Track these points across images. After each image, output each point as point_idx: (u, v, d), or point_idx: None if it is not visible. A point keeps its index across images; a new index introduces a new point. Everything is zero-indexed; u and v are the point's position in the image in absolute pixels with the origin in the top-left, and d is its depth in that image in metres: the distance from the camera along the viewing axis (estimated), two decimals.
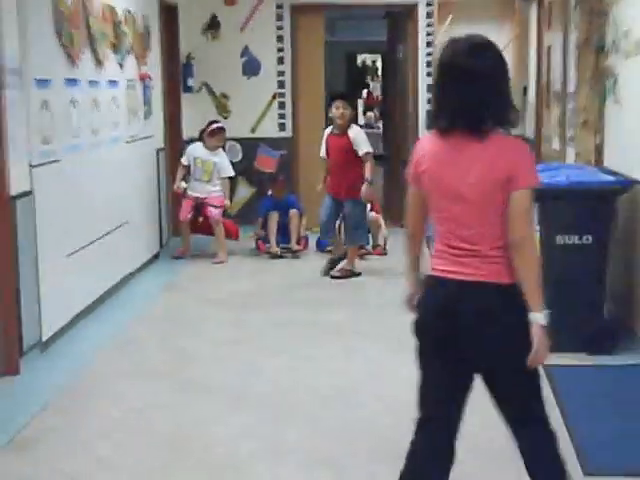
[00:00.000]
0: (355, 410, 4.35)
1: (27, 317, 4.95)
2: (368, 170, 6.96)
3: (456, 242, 2.68)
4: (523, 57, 9.00)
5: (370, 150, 7.05)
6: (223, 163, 8.08)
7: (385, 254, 8.07)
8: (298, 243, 8.12)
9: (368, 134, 17.06)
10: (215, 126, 8.11)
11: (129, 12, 7.12)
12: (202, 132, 8.16)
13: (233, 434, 4.06)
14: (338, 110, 7.06)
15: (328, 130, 7.30)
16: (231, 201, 8.94)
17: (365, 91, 20.52)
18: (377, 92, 19.40)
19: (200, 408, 4.39)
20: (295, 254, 8.01)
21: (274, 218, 8.05)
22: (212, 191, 7.96)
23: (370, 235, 7.94)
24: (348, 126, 7.08)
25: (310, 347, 5.38)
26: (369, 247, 8.03)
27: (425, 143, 2.79)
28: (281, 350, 5.33)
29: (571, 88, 7.05)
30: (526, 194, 2.61)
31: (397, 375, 4.76)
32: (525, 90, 9.06)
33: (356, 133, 7.08)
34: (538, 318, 2.61)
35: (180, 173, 8.01)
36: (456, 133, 2.64)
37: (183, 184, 7.95)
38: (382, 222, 8.25)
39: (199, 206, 7.96)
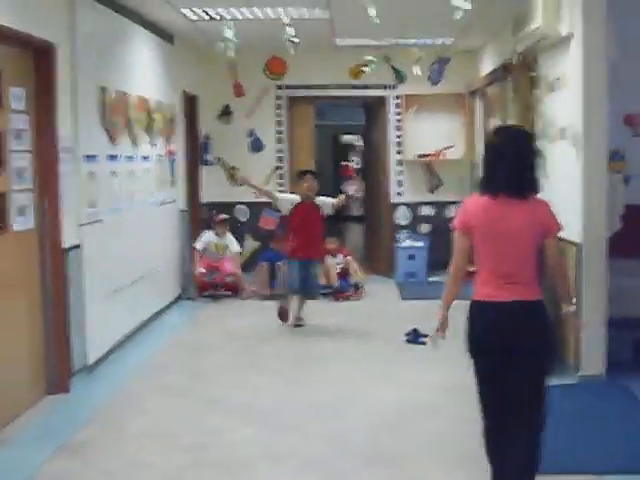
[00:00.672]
0: (340, 421, 4.35)
1: (75, 345, 4.99)
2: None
3: (501, 274, 3.05)
4: (472, 139, 9.16)
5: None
6: (232, 242, 8.27)
7: (361, 296, 8.00)
8: None
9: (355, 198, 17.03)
10: (223, 217, 8.33)
11: (159, 102, 7.26)
12: (209, 221, 8.37)
13: (240, 441, 4.07)
14: (309, 184, 6.73)
15: (296, 199, 6.75)
16: (240, 253, 9.04)
17: (344, 164, 20.69)
18: (357, 165, 19.60)
19: (214, 420, 4.40)
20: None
21: (265, 267, 8.11)
22: (225, 258, 8.12)
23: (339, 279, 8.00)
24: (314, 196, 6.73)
25: (309, 371, 5.38)
26: (351, 290, 8.03)
27: (475, 203, 3.12)
28: (281, 372, 5.33)
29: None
30: (557, 237, 3.13)
31: (378, 395, 4.82)
32: (472, 165, 9.20)
33: (322, 200, 6.79)
34: (571, 309, 3.21)
35: (197, 258, 8.05)
36: (503, 195, 3.03)
37: (202, 269, 7.96)
38: (356, 266, 8.24)
39: (213, 268, 8.01)
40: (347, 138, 18.33)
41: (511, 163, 3.03)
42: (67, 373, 4.86)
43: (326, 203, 6.76)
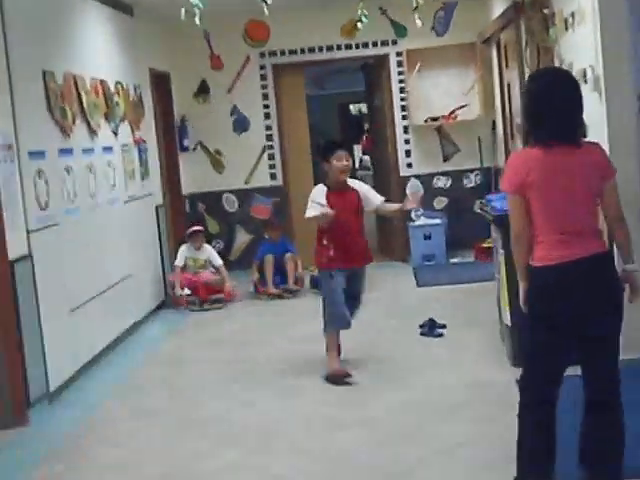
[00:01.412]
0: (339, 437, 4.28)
1: (33, 370, 4.91)
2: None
3: (569, 230, 3.10)
4: (489, 94, 8.99)
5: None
6: (211, 256, 8.09)
7: None
8: (296, 283, 8.00)
9: (365, 175, 17.11)
10: (192, 230, 8.12)
11: (120, 84, 7.16)
12: (184, 236, 8.18)
13: (222, 467, 3.99)
14: (343, 162, 5.19)
15: (322, 188, 5.26)
16: (231, 248, 8.97)
17: (364, 136, 20.53)
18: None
19: (194, 444, 4.32)
20: (294, 293, 7.89)
21: (270, 261, 7.97)
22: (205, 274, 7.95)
23: None
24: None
25: (299, 379, 5.30)
26: None
27: (528, 157, 3.15)
28: (272, 382, 5.27)
29: None
30: (615, 180, 3.18)
31: (381, 397, 4.74)
32: (494, 124, 9.03)
33: (359, 184, 5.49)
34: (635, 267, 3.21)
35: (178, 276, 7.83)
36: (557, 144, 3.09)
37: (186, 291, 7.77)
38: None
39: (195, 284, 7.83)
40: (357, 107, 18.22)
41: (561, 108, 3.11)
42: (24, 403, 4.80)
43: (370, 195, 5.40)
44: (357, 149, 17.90)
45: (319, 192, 5.22)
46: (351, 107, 18.73)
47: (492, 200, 5.37)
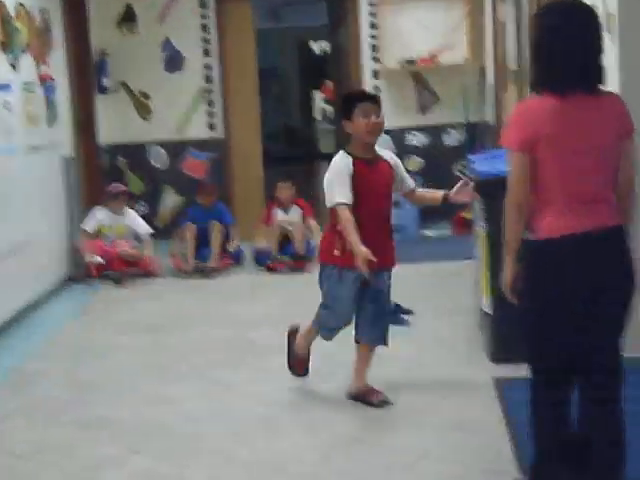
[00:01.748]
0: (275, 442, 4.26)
1: None
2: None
3: (583, 197, 3.13)
4: (478, 34, 8.97)
5: None
6: (135, 222, 8.05)
7: (305, 266, 7.79)
8: (224, 260, 7.93)
9: (326, 131, 17.05)
10: (118, 188, 8.08)
11: (22, 6, 7.01)
12: (104, 197, 8.13)
13: (128, 477, 3.96)
14: (372, 119, 4.45)
15: (346, 158, 4.48)
16: (157, 213, 8.89)
17: (328, 83, 20.30)
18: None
19: (97, 449, 4.28)
20: (210, 273, 7.77)
21: (191, 230, 7.94)
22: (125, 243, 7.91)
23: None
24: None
25: (229, 371, 5.31)
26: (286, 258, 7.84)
27: (539, 107, 3.15)
28: (197, 375, 5.25)
29: (527, 66, 7.02)
30: (633, 138, 3.22)
31: (325, 399, 4.74)
32: (482, 71, 9.02)
33: (390, 155, 4.76)
34: None
35: (85, 243, 7.78)
36: (573, 92, 3.10)
37: (97, 258, 7.71)
38: (314, 229, 8.02)
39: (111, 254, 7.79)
40: (320, 45, 18.08)
41: (580, 48, 3.12)
42: None
43: (404, 173, 4.85)
44: (318, 97, 17.84)
45: (343, 166, 4.43)
46: (313, 45, 18.59)
47: (474, 161, 5.36)
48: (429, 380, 4.95)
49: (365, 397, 4.62)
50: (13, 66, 6.78)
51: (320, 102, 17.44)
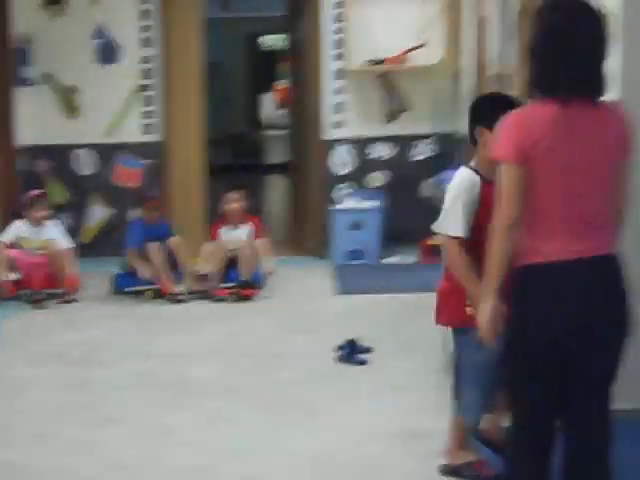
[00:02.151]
0: None
1: None
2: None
3: (581, 218, 3.20)
4: (455, 32, 9.05)
5: None
6: (56, 235, 8.06)
7: (253, 295, 7.88)
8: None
9: (276, 137, 17.05)
10: (34, 193, 8.08)
11: None
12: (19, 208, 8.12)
13: None
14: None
15: (469, 174, 4.14)
16: (82, 226, 8.89)
17: (280, 84, 20.25)
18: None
19: None
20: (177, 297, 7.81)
21: (155, 249, 7.85)
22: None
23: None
24: None
25: (164, 413, 5.32)
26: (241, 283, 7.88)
27: (537, 115, 3.20)
28: (126, 418, 5.25)
29: (510, 70, 7.10)
30: (629, 162, 3.30)
31: (275, 447, 4.77)
32: (456, 75, 9.12)
33: None
34: None
35: (2, 257, 7.79)
36: (577, 100, 3.17)
37: (12, 275, 7.76)
38: (265, 249, 8.12)
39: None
40: (271, 40, 18.13)
41: (586, 50, 3.19)
42: None
43: None
44: (267, 101, 17.85)
45: (469, 185, 4.08)
46: (262, 40, 18.63)
47: (447, 180, 5.42)
48: (388, 429, 4.98)
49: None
50: None
51: (269, 105, 17.45)
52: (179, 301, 7.74)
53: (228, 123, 16.33)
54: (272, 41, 17.87)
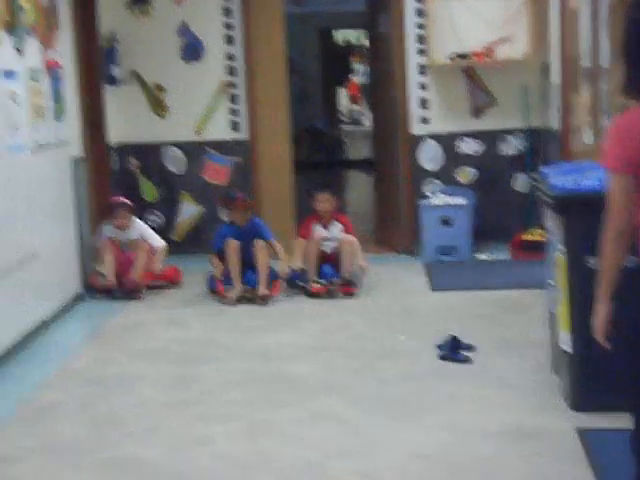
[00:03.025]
0: None
1: None
2: None
3: None
4: (542, 25, 9.03)
5: None
6: (145, 236, 8.22)
7: (354, 292, 7.91)
8: (274, 286, 7.88)
9: (354, 132, 17.03)
10: (118, 200, 8.26)
11: None
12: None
13: None
14: None
15: None
16: (173, 224, 8.99)
17: (352, 79, 20.39)
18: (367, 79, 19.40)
19: None
20: (263, 300, 7.74)
21: (233, 247, 7.87)
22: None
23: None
24: None
25: (271, 410, 5.37)
26: (336, 280, 7.90)
27: (635, 120, 3.14)
28: (232, 415, 5.30)
29: (605, 63, 7.07)
30: None
31: (385, 445, 4.77)
32: (545, 68, 9.08)
33: None
34: None
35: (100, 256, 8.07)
36: None
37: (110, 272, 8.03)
38: (358, 247, 8.11)
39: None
40: (345, 35, 18.21)
41: None
42: None
43: None
44: (342, 95, 17.93)
45: None
46: (335, 35, 18.69)
47: (550, 175, 5.41)
48: (499, 428, 4.95)
49: None
50: (18, 50, 6.84)
51: (346, 101, 17.52)
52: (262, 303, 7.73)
53: (305, 119, 16.40)
54: (346, 36, 17.93)
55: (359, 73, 21.51)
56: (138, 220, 8.34)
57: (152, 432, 5.09)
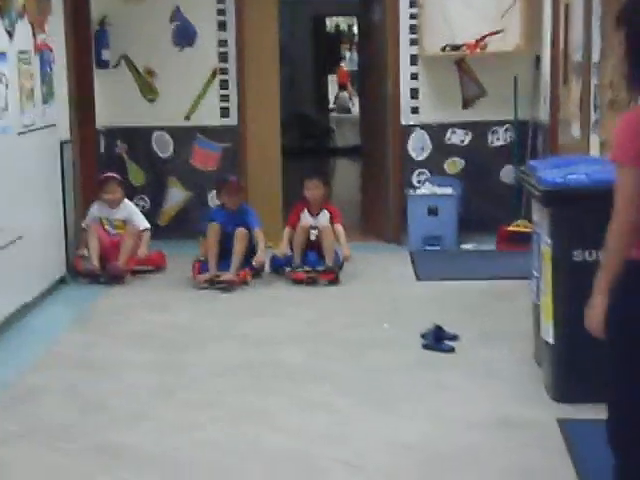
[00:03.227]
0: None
1: None
2: None
3: None
4: (534, 18, 9.03)
5: None
6: (132, 216, 8.21)
7: (335, 280, 7.91)
8: (248, 273, 7.88)
9: (342, 119, 17.00)
10: (104, 176, 8.25)
11: None
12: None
13: None
14: None
15: None
16: (160, 209, 8.99)
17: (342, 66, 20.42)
18: (354, 66, 19.41)
19: None
20: (228, 285, 7.70)
21: (214, 230, 7.89)
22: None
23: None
24: None
25: (256, 397, 5.38)
26: (319, 268, 7.92)
27: None
28: (219, 401, 5.32)
29: (596, 58, 7.08)
30: None
31: (371, 433, 4.79)
32: (537, 61, 9.09)
33: None
34: None
35: (84, 238, 8.07)
36: None
37: (85, 251, 8.01)
38: (342, 236, 8.11)
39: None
40: (336, 22, 18.20)
41: None
42: None
43: None
44: (331, 82, 17.92)
45: None
46: (327, 22, 18.69)
47: (538, 168, 5.44)
48: (482, 418, 4.98)
49: None
50: (9, 33, 6.82)
51: (334, 88, 17.51)
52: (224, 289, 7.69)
53: (294, 105, 16.38)
54: (336, 23, 17.93)
55: (348, 60, 21.51)
56: (127, 200, 8.32)
57: (138, 418, 5.09)
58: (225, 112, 9.39)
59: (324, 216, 8.13)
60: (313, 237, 8.04)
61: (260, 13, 9.39)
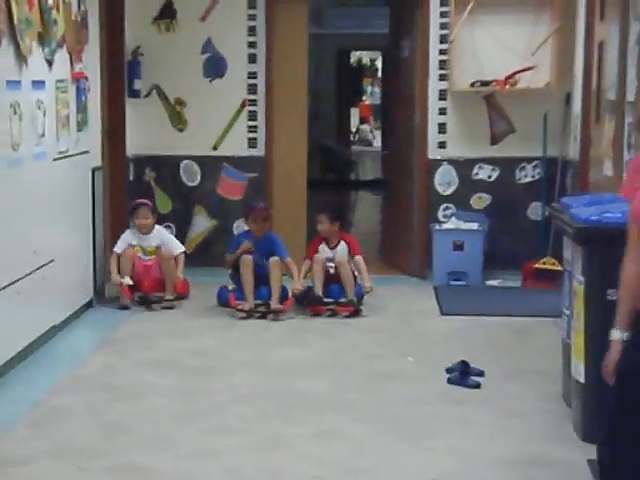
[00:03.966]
0: None
1: None
2: None
3: None
4: (567, 56, 9.03)
5: None
6: (167, 241, 8.28)
7: (355, 312, 7.88)
8: (281, 301, 7.88)
9: (363, 152, 17.04)
10: (135, 203, 8.33)
11: None
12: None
13: None
14: None
15: None
16: (186, 236, 9.03)
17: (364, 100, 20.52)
18: (375, 99, 19.50)
19: None
20: (276, 315, 7.77)
21: (247, 263, 7.88)
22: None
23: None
24: None
25: (280, 426, 5.37)
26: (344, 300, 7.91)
27: None
28: (244, 428, 5.32)
29: (630, 96, 7.08)
30: None
31: (393, 466, 4.79)
32: (568, 98, 9.09)
33: None
34: None
35: (114, 264, 8.06)
36: None
37: (127, 279, 8.01)
38: (362, 268, 8.08)
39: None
40: (360, 56, 18.27)
41: None
42: None
43: None
44: (353, 115, 17.96)
45: None
46: (351, 56, 18.78)
47: (571, 205, 5.41)
48: (508, 455, 4.95)
49: None
50: (49, 62, 6.90)
51: (355, 120, 17.58)
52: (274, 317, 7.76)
53: (317, 137, 16.38)
54: (358, 57, 18.04)
55: (369, 94, 21.61)
56: (158, 226, 8.37)
57: (160, 441, 5.11)
58: (253, 142, 9.41)
59: (342, 248, 8.12)
60: (332, 270, 8.02)
61: (290, 46, 9.44)
